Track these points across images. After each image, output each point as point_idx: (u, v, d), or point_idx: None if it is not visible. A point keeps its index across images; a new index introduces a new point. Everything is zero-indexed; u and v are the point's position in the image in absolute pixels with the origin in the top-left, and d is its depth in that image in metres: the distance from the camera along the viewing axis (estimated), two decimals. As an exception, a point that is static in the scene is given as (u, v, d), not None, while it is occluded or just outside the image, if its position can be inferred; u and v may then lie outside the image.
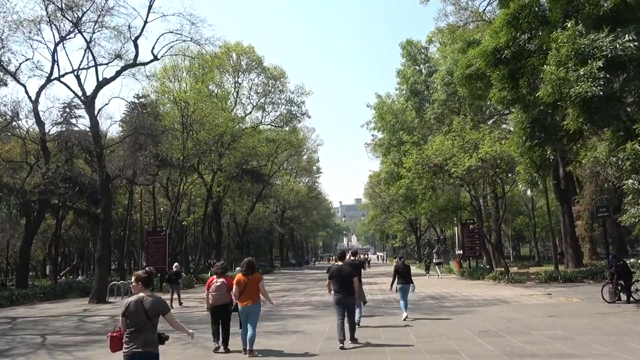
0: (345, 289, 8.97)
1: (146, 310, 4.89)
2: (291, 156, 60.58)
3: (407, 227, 69.06)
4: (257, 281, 8.33)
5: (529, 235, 56.03)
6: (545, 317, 11.83)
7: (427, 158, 26.23)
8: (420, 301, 16.55)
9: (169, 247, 28.33)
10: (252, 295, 8.30)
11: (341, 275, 9.04)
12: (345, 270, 9.12)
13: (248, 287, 8.31)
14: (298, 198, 59.96)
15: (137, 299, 4.97)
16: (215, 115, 34.52)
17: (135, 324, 4.89)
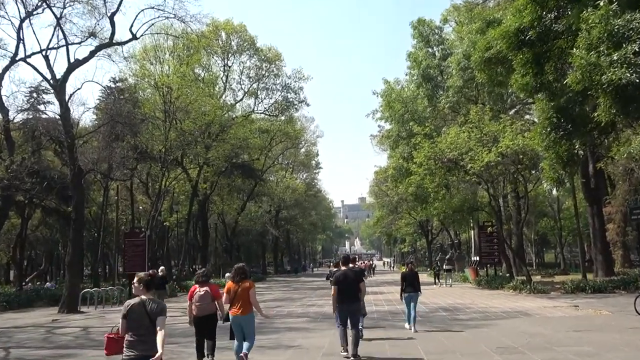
0: (349, 295, 9.16)
1: (149, 313, 5.11)
2: (287, 149, 60.63)
3: (417, 229, 69.22)
4: (247, 289, 8.40)
5: (554, 239, 56.18)
6: (571, 332, 11.88)
7: (440, 152, 26.24)
8: (431, 313, 16.59)
9: (149, 251, 28.36)
10: (242, 305, 8.37)
11: (347, 280, 9.24)
12: (350, 275, 9.33)
13: (238, 296, 8.39)
14: (295, 196, 60.05)
15: (139, 302, 5.20)
16: (202, 102, 34.49)
17: (138, 328, 5.10)
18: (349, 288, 9.18)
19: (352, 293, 9.19)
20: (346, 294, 9.15)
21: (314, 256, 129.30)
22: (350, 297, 9.17)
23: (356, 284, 9.25)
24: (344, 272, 9.39)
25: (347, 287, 9.18)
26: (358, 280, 9.32)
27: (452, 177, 28.07)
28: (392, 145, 41.55)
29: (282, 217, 66.80)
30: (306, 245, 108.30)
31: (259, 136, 47.93)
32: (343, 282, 9.21)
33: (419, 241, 76.24)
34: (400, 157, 37.58)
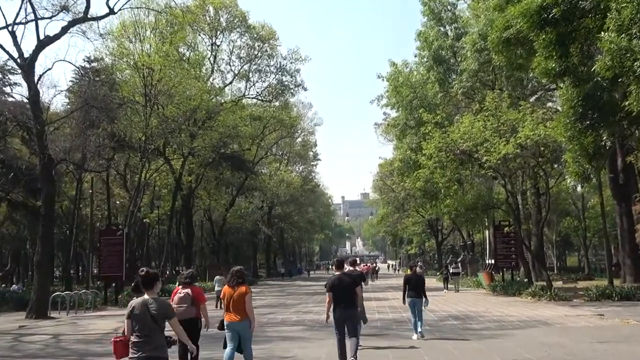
0: (345, 301, 9.39)
1: (152, 313, 5.53)
2: (282, 138, 60.68)
3: (425, 229, 69.49)
4: (243, 295, 8.61)
5: (578, 241, 56.42)
6: (595, 343, 11.96)
7: (452, 143, 26.28)
8: (440, 322, 16.69)
9: (127, 251, 28.43)
10: (238, 311, 8.59)
11: (342, 285, 9.47)
12: (346, 280, 9.55)
13: (233, 302, 8.62)
14: (290, 191, 60.16)
15: (142, 302, 5.62)
16: (187, 85, 34.45)
17: (142, 328, 5.54)
18: (345, 293, 9.41)
19: (347, 299, 9.41)
20: (341, 299, 9.38)
21: (310, 258, 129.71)
22: (346, 303, 9.38)
23: (352, 289, 9.47)
24: (339, 276, 9.61)
25: (343, 292, 9.41)
26: (355, 285, 9.54)
27: (466, 170, 28.10)
28: (399, 135, 41.53)
29: (276, 214, 66.93)
30: (302, 246, 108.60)
31: (250, 124, 47.92)
32: (338, 288, 9.43)
33: (428, 242, 76.52)
34: (407, 148, 37.60)
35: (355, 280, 9.77)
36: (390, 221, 67.79)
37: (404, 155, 38.02)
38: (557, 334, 13.60)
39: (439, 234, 61.27)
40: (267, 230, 61.08)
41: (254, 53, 46.21)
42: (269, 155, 60.56)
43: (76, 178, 36.13)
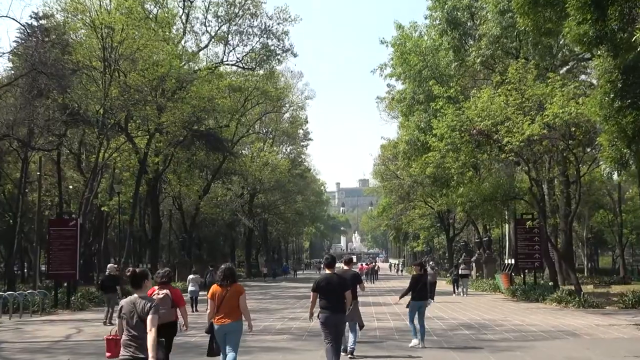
0: (334, 305, 9.84)
1: (139, 312, 6.31)
2: (266, 113, 60.55)
3: (434, 223, 69.72)
4: (238, 294, 9.08)
5: (613, 239, 56.87)
6: (631, 358, 12.09)
7: (468, 121, 26.32)
8: (449, 331, 16.82)
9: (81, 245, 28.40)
10: (231, 312, 9.04)
11: (330, 286, 9.89)
12: (335, 280, 10.00)
13: (226, 302, 9.04)
14: (275, 176, 60.17)
15: (129, 301, 6.46)
16: (154, 48, 34.19)
17: (130, 328, 6.32)
18: (332, 297, 9.83)
19: (335, 302, 9.83)
20: (329, 303, 9.82)
21: (299, 255, 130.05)
22: (334, 307, 9.80)
23: (342, 289, 9.92)
24: (327, 277, 10.04)
25: (330, 294, 9.84)
26: (344, 287, 9.99)
27: (483, 154, 28.20)
28: (405, 112, 41.54)
29: (258, 204, 66.95)
30: (289, 241, 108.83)
31: (230, 96, 47.62)
32: (324, 289, 9.88)
33: (437, 238, 76.89)
34: (415, 127, 37.65)
35: (345, 282, 10.16)
36: (394, 213, 67.94)
37: (411, 136, 38.08)
38: (586, 346, 13.75)
39: (450, 228, 61.47)
40: (248, 222, 61.10)
41: (233, 11, 45.80)
42: (251, 133, 60.41)
43: (21, 157, 35.89)
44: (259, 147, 62.27)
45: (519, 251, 30.90)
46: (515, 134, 24.24)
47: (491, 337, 15.42)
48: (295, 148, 75.66)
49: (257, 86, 50.61)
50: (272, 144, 67.71)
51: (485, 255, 43.96)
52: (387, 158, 61.32)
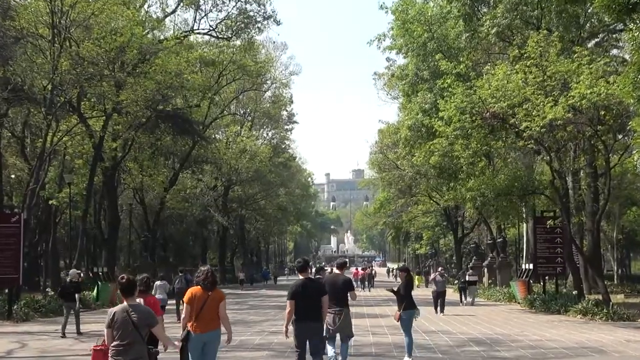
0: (310, 313, 10.33)
1: (133, 321, 6.99)
2: (244, 91, 60.37)
3: (440, 221, 69.80)
4: (219, 301, 9.35)
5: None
6: (665, 379, 12.20)
7: (480, 103, 26.36)
8: (456, 347, 16.89)
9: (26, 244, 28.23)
10: (210, 320, 9.26)
11: (306, 293, 10.36)
12: (311, 286, 10.51)
13: (206, 308, 9.22)
14: (254, 165, 60.09)
15: (122, 309, 7.11)
16: (111, 13, 33.94)
17: (123, 337, 6.99)
18: (308, 303, 10.29)
19: (313, 309, 10.33)
20: (305, 311, 10.28)
21: (281, 258, 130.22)
22: (311, 316, 10.31)
23: (319, 296, 10.46)
24: (303, 282, 10.49)
25: (305, 301, 10.29)
26: (321, 293, 10.55)
27: (497, 141, 28.26)
28: (407, 91, 41.55)
29: (234, 197, 66.85)
30: (270, 242, 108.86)
31: (201, 70, 47.48)
32: (301, 296, 10.30)
33: (444, 239, 77.17)
34: (419, 109, 37.64)
35: (321, 287, 10.76)
36: (393, 209, 68.21)
37: (414, 119, 38.05)
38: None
39: (458, 228, 61.70)
40: (222, 219, 60.91)
41: (206, -31, 45.67)
42: (225, 114, 60.26)
43: (-47, 141, 35.58)
44: (235, 131, 62.08)
45: (538, 255, 31.07)
46: (535, 118, 24.30)
47: (505, 355, 15.50)
48: (278, 132, 75.53)
49: (233, 59, 50.39)
50: (250, 128, 67.58)
51: (499, 260, 44.18)
52: (385, 145, 61.21)
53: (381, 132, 64.20)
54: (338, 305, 11.74)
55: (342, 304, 11.89)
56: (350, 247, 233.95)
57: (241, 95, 61.14)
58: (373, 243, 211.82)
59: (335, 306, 11.61)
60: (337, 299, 11.67)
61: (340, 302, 11.85)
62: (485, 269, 47.06)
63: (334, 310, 11.61)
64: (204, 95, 48.07)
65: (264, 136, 73.31)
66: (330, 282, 12.01)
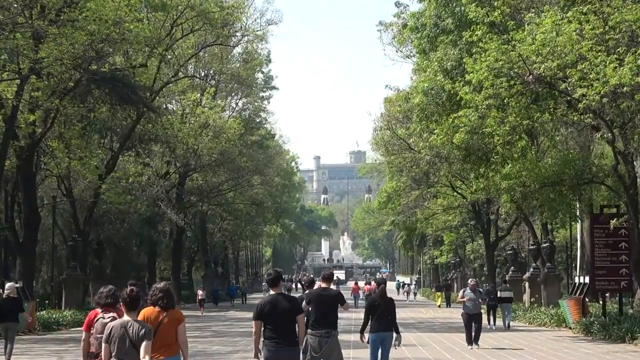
0: (283, 336, 10.75)
1: (130, 337, 8.32)
2: (205, 46, 59.96)
3: (467, 220, 69.65)
4: (177, 323, 9.87)
5: None
6: None
7: (520, 62, 26.33)
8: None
9: None
10: (167, 344, 9.74)
11: (276, 311, 10.81)
12: (283, 303, 10.91)
13: (162, 331, 9.70)
14: (219, 145, 59.96)
15: (120, 324, 8.49)
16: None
17: (119, 353, 8.30)
18: (279, 324, 10.79)
19: (286, 332, 10.80)
20: (274, 332, 10.78)
21: (255, 269, 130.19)
22: (283, 339, 10.77)
23: (293, 315, 10.86)
24: (273, 299, 11.00)
25: (275, 321, 10.79)
26: (296, 311, 10.94)
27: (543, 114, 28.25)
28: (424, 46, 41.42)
29: (193, 188, 66.73)
30: (240, 248, 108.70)
31: (148, 18, 47.27)
32: (270, 316, 10.82)
33: (471, 243, 77.14)
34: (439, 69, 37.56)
35: (296, 304, 11.17)
36: (404, 204, 67.88)
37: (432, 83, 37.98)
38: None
39: (490, 228, 61.77)
40: (176, 217, 60.65)
41: None
42: (181, 77, 59.91)
43: None
44: (195, 99, 61.72)
45: (596, 265, 31.14)
46: (594, 83, 24.32)
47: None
48: (252, 101, 75.37)
49: (190, 3, 50.19)
50: (214, 95, 67.23)
51: (545, 271, 44.27)
52: (394, 118, 61.01)
53: (388, 101, 63.83)
54: (325, 327, 11.92)
55: (330, 325, 12.09)
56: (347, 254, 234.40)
57: (202, 51, 60.67)
58: (377, 249, 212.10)
59: (322, 327, 11.77)
60: (324, 319, 11.85)
61: (329, 323, 12.05)
62: (527, 283, 47.12)
63: (320, 333, 11.78)
64: (152, 51, 47.91)
65: (232, 106, 73.15)
66: (316, 298, 12.19)
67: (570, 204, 35.08)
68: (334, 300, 12.35)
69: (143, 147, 55.20)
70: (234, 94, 73.47)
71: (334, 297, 12.52)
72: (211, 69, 67.86)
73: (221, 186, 69.80)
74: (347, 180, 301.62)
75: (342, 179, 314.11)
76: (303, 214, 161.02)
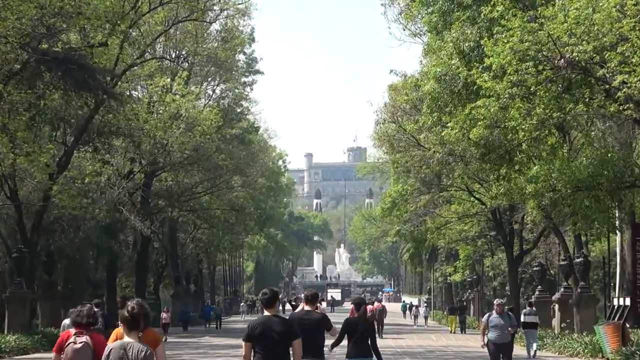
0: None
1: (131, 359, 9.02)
2: (178, 23, 59.98)
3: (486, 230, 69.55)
4: (154, 345, 10.13)
5: None
6: None
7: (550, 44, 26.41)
8: None
9: None
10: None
11: (268, 335, 11.30)
12: (276, 327, 11.35)
13: None
14: (193, 139, 59.93)
15: (120, 346, 9.09)
16: None
17: None
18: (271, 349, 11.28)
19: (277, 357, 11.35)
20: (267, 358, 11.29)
21: (235, 287, 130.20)
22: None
23: (289, 339, 11.34)
24: (265, 320, 11.48)
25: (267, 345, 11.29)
26: (292, 335, 11.39)
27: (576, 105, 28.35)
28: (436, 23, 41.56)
29: (161, 191, 66.75)
30: (217, 262, 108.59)
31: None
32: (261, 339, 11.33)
33: (491, 258, 77.15)
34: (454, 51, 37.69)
35: (291, 328, 11.60)
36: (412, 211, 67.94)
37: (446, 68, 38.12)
38: None
39: (514, 240, 61.85)
40: (141, 224, 60.71)
41: None
42: (148, 59, 59.92)
43: None
44: (164, 85, 61.75)
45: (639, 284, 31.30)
46: (638, 69, 24.43)
47: None
48: (232, 88, 75.34)
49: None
50: (187, 80, 67.17)
51: (578, 291, 44.36)
52: (400, 109, 61.11)
53: (394, 88, 63.95)
54: (308, 356, 12.00)
55: (315, 354, 12.20)
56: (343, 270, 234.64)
57: (173, 28, 60.76)
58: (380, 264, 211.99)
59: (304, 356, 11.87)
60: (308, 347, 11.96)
61: (313, 352, 12.21)
62: (556, 306, 47.12)
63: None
64: (114, 28, 47.96)
65: (208, 94, 73.15)
66: (298, 322, 12.38)
67: (608, 212, 35.14)
68: (317, 324, 12.58)
69: (102, 142, 55.08)
70: (211, 79, 73.41)
71: (317, 321, 12.74)
72: (184, 50, 67.83)
73: (195, 188, 69.83)
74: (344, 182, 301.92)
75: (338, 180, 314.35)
76: (292, 222, 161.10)
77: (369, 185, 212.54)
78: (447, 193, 61.34)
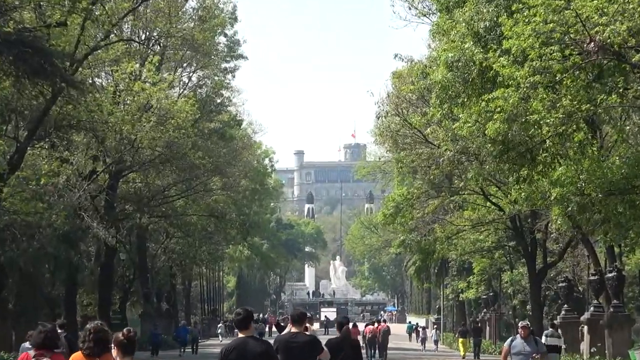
0: None
1: None
2: (147, 0, 60.02)
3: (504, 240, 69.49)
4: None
5: None
6: None
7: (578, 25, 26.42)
8: None
9: None
10: None
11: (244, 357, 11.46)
12: (253, 350, 11.56)
13: None
14: (166, 134, 59.94)
15: None
16: None
17: None
18: None
19: None
20: None
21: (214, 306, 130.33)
22: None
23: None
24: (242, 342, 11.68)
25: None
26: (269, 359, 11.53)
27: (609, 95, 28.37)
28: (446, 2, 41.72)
29: (128, 194, 66.77)
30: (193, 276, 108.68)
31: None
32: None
33: (510, 273, 77.18)
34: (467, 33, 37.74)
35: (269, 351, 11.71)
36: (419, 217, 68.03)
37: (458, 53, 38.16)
38: None
39: (537, 251, 61.96)
40: (105, 232, 60.78)
41: None
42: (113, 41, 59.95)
43: None
44: (132, 71, 61.82)
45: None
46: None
47: None
48: (210, 75, 75.41)
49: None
50: (159, 66, 67.23)
51: (611, 310, 44.46)
52: (405, 100, 61.20)
53: (398, 76, 64.00)
54: None
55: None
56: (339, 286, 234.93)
57: (142, 5, 60.81)
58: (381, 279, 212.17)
59: None
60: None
61: None
62: (585, 327, 47.22)
63: None
64: (74, 5, 48.01)
65: (183, 81, 73.22)
66: (284, 346, 12.42)
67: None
68: (306, 348, 12.66)
69: (60, 137, 55.10)
70: (186, 65, 73.40)
71: (306, 344, 12.90)
72: (155, 30, 67.80)
73: (167, 191, 69.93)
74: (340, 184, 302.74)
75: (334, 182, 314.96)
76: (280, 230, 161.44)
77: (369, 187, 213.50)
78: (459, 197, 61.34)
